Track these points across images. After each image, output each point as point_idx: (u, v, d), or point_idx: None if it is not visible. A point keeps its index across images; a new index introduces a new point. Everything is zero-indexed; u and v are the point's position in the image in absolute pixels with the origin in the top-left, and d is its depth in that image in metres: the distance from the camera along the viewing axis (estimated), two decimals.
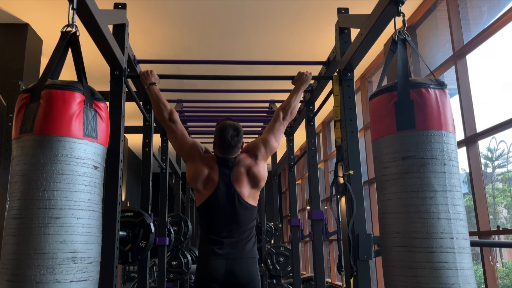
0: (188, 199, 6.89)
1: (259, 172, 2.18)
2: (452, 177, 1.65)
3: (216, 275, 2.00)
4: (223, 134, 2.14)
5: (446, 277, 1.55)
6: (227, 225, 2.09)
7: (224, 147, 2.15)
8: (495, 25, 3.37)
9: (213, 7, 4.40)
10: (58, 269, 1.50)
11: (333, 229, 7.01)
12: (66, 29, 1.74)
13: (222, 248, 2.04)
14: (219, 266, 2.01)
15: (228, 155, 2.17)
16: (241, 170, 2.15)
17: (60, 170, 1.57)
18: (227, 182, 2.12)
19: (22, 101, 1.66)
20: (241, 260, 2.04)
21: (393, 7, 1.80)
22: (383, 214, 1.77)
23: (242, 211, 2.10)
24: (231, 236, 2.08)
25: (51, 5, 4.24)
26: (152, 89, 2.29)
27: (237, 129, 2.17)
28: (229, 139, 2.13)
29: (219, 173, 2.13)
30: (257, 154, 2.22)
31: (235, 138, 2.15)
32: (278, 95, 4.77)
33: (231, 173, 2.14)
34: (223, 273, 2.01)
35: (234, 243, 2.07)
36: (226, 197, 2.10)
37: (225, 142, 2.14)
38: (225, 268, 2.01)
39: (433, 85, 1.72)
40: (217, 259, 2.02)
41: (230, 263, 2.02)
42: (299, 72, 2.49)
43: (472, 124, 3.64)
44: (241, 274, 2.01)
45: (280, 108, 2.36)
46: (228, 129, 2.15)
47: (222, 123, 2.19)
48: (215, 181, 2.12)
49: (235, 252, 2.05)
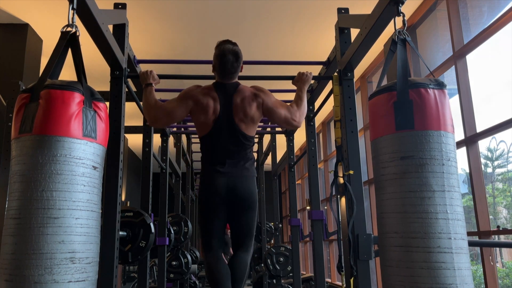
0: (188, 199, 6.88)
1: (250, 110, 2.24)
2: (450, 177, 1.65)
3: (219, 190, 2.18)
4: (222, 61, 2.23)
5: (444, 277, 1.55)
6: (229, 150, 2.23)
7: (223, 73, 2.25)
8: (495, 25, 3.37)
9: (213, 7, 4.40)
10: (57, 269, 1.50)
11: (333, 229, 7.01)
12: (66, 29, 1.74)
13: (224, 167, 2.21)
14: (222, 182, 2.19)
15: (228, 79, 2.27)
16: (238, 101, 2.23)
17: (59, 170, 1.58)
18: (228, 113, 2.22)
19: (22, 101, 1.66)
20: (241, 178, 2.22)
21: (393, 7, 1.80)
22: (381, 214, 1.77)
23: (241, 139, 2.24)
24: (232, 158, 2.23)
25: (51, 5, 4.24)
26: (146, 89, 2.31)
27: (236, 54, 2.25)
28: (228, 67, 2.24)
29: (220, 103, 2.22)
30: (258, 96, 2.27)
31: (234, 64, 2.25)
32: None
33: (231, 103, 2.23)
34: (225, 189, 2.19)
35: (234, 163, 2.23)
36: (227, 128, 2.22)
37: (225, 68, 2.24)
38: (227, 184, 2.19)
39: (432, 85, 1.72)
40: (220, 177, 2.20)
41: (232, 181, 2.20)
42: (299, 72, 2.49)
43: (472, 124, 3.64)
44: (242, 189, 2.20)
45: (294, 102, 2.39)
46: (227, 55, 2.23)
47: (221, 47, 2.26)
48: (217, 112, 2.22)
49: (236, 170, 2.22)
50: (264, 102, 2.27)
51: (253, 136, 2.30)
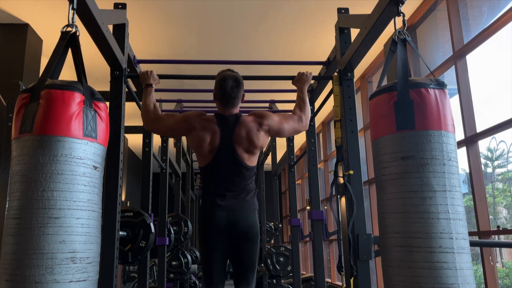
0: (188, 199, 6.88)
1: (258, 139, 2.19)
2: (451, 177, 1.65)
3: (219, 223, 2.10)
4: (223, 86, 2.17)
5: (445, 277, 1.55)
6: (229, 182, 2.17)
7: (224, 99, 2.18)
8: (495, 25, 3.37)
9: (213, 7, 4.40)
10: (57, 269, 1.50)
11: (333, 229, 7.01)
12: (66, 29, 1.74)
13: (224, 200, 2.14)
14: (222, 216, 2.11)
15: (228, 108, 2.20)
16: (242, 133, 2.17)
17: (59, 170, 1.57)
18: (229, 145, 2.16)
19: (22, 101, 1.66)
20: (241, 211, 2.14)
21: (393, 7, 1.80)
22: (382, 214, 1.77)
23: (243, 171, 2.18)
24: (232, 190, 2.16)
25: (51, 5, 4.24)
26: (146, 89, 2.31)
27: (237, 80, 2.19)
28: (229, 90, 2.16)
29: (220, 135, 2.16)
30: (263, 123, 2.22)
31: (235, 90, 2.17)
32: (278, 95, 4.78)
33: (232, 135, 2.17)
34: (225, 222, 2.11)
35: (235, 195, 2.16)
36: (228, 159, 2.16)
37: (225, 93, 2.16)
38: (227, 217, 2.11)
39: (433, 85, 1.72)
40: (219, 210, 2.12)
41: (232, 214, 2.12)
42: (299, 72, 2.49)
43: (472, 124, 3.64)
44: (241, 223, 2.12)
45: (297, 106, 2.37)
46: (227, 80, 2.17)
47: (222, 73, 2.22)
48: (217, 144, 2.16)
49: (236, 203, 2.15)
50: (270, 128, 2.22)
51: (254, 166, 2.23)
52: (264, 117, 2.23)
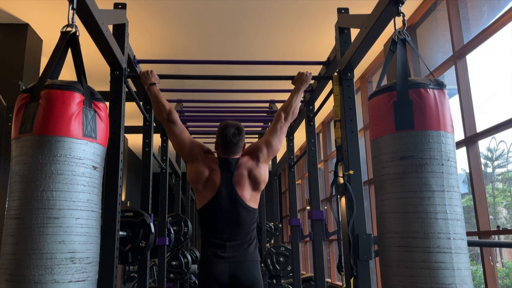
0: (188, 199, 6.89)
1: (260, 175, 2.17)
2: (450, 178, 1.65)
3: (220, 278, 2.01)
4: (224, 133, 2.15)
5: (443, 277, 1.55)
6: (229, 228, 2.09)
7: (226, 146, 2.16)
8: (495, 25, 3.37)
9: (213, 7, 4.40)
10: (57, 269, 1.50)
11: (333, 229, 7.01)
12: (66, 29, 1.74)
13: (225, 252, 2.06)
14: (223, 269, 2.02)
15: (230, 155, 2.17)
16: (243, 173, 2.14)
17: (59, 170, 1.58)
18: (229, 185, 2.11)
19: (22, 101, 1.66)
20: (244, 263, 2.05)
21: (393, 7, 1.80)
22: (381, 214, 1.77)
23: (244, 214, 2.11)
24: (233, 239, 2.09)
25: (51, 5, 4.24)
26: (152, 89, 2.29)
27: (238, 128, 2.18)
28: (230, 137, 2.14)
29: (220, 175, 2.12)
30: (259, 156, 2.21)
31: (236, 137, 2.15)
32: (278, 95, 4.77)
33: (232, 176, 2.13)
34: (227, 276, 2.02)
35: (236, 246, 2.08)
36: (228, 201, 2.10)
37: (227, 140, 2.15)
38: (229, 271, 2.03)
39: (432, 85, 1.72)
40: (220, 263, 2.03)
41: (234, 266, 2.03)
42: (299, 72, 2.49)
43: (472, 124, 3.64)
44: (244, 277, 2.03)
45: (281, 109, 2.35)
46: (229, 127, 2.16)
47: (224, 122, 2.23)
48: (217, 183, 2.11)
49: (238, 255, 2.06)
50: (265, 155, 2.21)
51: (256, 209, 2.16)
52: (256, 149, 2.22)
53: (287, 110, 2.34)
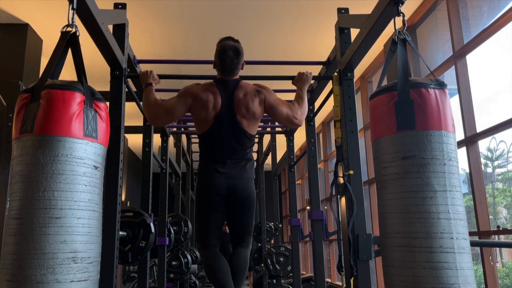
0: (188, 199, 6.88)
1: (252, 106, 2.24)
2: (452, 177, 1.65)
3: (219, 189, 2.18)
4: (222, 57, 2.23)
5: (446, 277, 1.55)
6: (229, 149, 2.22)
7: (224, 69, 2.25)
8: (495, 25, 3.37)
9: (213, 7, 4.40)
10: (59, 269, 1.50)
11: (333, 229, 7.01)
12: (66, 29, 1.74)
13: (224, 168, 2.20)
14: (222, 182, 2.19)
15: (229, 76, 2.27)
16: (240, 97, 2.22)
17: (60, 170, 1.57)
18: (229, 109, 2.20)
19: (22, 101, 1.66)
20: (241, 179, 2.22)
21: (393, 7, 1.80)
22: (383, 214, 1.77)
23: (242, 137, 2.23)
24: (232, 158, 2.22)
25: (51, 5, 4.24)
26: (146, 88, 2.31)
27: (237, 51, 2.25)
28: (229, 63, 2.23)
29: (221, 99, 2.21)
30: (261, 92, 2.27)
31: (234, 61, 2.24)
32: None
33: (232, 99, 2.21)
34: (225, 189, 2.19)
35: (235, 163, 2.22)
36: (228, 125, 2.20)
37: (225, 64, 2.23)
38: (227, 184, 2.19)
39: (433, 85, 1.72)
40: (220, 177, 2.19)
41: (232, 181, 2.20)
42: (299, 72, 2.49)
43: (472, 124, 3.64)
44: (241, 190, 2.21)
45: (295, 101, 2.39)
46: (228, 51, 2.23)
47: (222, 43, 2.27)
48: (218, 108, 2.20)
49: (236, 172, 2.22)
50: (266, 99, 2.28)
51: (254, 134, 2.29)
52: (264, 88, 2.30)
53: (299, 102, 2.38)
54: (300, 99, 2.40)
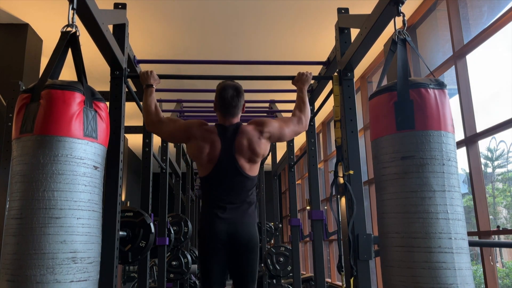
0: (188, 199, 6.88)
1: (260, 147, 2.19)
2: (451, 177, 1.65)
3: (219, 235, 2.10)
4: (222, 94, 2.17)
5: (445, 277, 1.55)
6: (229, 193, 2.16)
7: (224, 108, 2.19)
8: (495, 25, 3.37)
9: (213, 7, 4.40)
10: (58, 269, 1.50)
11: (333, 229, 7.01)
12: (66, 29, 1.74)
13: (225, 213, 2.13)
14: (222, 228, 2.11)
15: (229, 117, 2.20)
16: (243, 142, 2.16)
17: (60, 170, 1.58)
18: (229, 155, 2.15)
19: (22, 101, 1.66)
20: (242, 223, 2.13)
21: (393, 7, 1.80)
22: (382, 214, 1.77)
23: (244, 181, 2.17)
24: (233, 202, 2.15)
25: (51, 5, 4.24)
26: (147, 90, 2.31)
27: (237, 89, 2.20)
28: (229, 99, 2.17)
29: (221, 145, 2.16)
30: (264, 131, 2.21)
31: (235, 98, 2.18)
32: (278, 95, 4.78)
33: (233, 145, 2.16)
34: (225, 234, 2.10)
35: (236, 208, 2.15)
36: (228, 170, 2.15)
37: (225, 102, 2.17)
38: (227, 230, 2.11)
39: (432, 85, 1.72)
40: (220, 223, 2.11)
41: (233, 227, 2.11)
42: (299, 73, 2.49)
43: (472, 124, 3.64)
44: (242, 235, 2.11)
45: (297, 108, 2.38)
46: (228, 89, 2.18)
47: (222, 83, 2.23)
48: (217, 154, 2.15)
49: (237, 216, 2.14)
50: (271, 134, 2.22)
51: (256, 176, 2.22)
52: (264, 124, 2.22)
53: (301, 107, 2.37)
54: (302, 102, 2.39)
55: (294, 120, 2.32)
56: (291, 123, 2.31)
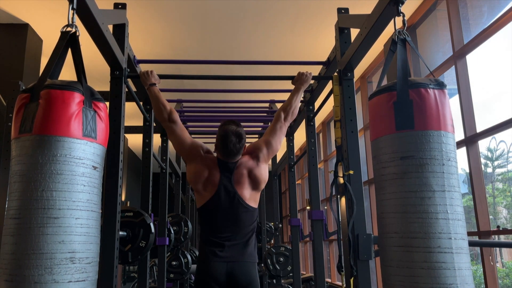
0: (188, 199, 6.88)
1: (260, 174, 2.17)
2: (450, 177, 1.65)
3: (218, 277, 2.02)
4: (225, 142, 2.11)
5: (444, 277, 1.55)
6: (228, 227, 2.10)
7: (226, 154, 2.14)
8: (495, 25, 3.37)
9: (213, 7, 4.40)
10: (57, 269, 1.50)
11: (333, 229, 7.01)
12: (66, 29, 1.74)
13: (223, 251, 2.06)
14: (220, 268, 2.03)
15: (230, 160, 2.16)
16: (242, 172, 2.14)
17: (59, 170, 1.57)
18: (228, 184, 2.12)
19: (22, 101, 1.66)
20: (242, 263, 2.06)
21: (393, 7, 1.80)
22: (381, 214, 1.77)
23: (243, 213, 2.11)
24: (232, 239, 2.09)
25: (51, 5, 4.24)
26: (152, 89, 2.30)
27: (239, 136, 2.13)
28: (231, 147, 2.11)
29: (220, 175, 2.13)
30: (259, 156, 2.21)
31: (237, 145, 2.13)
32: (278, 95, 4.77)
33: (232, 175, 2.13)
34: (224, 275, 2.03)
35: (235, 245, 2.08)
36: (227, 200, 2.10)
37: (227, 149, 2.12)
38: (226, 270, 2.03)
39: (432, 85, 1.72)
40: (218, 262, 2.04)
41: (231, 266, 2.04)
42: (299, 72, 2.49)
43: (472, 124, 3.64)
44: (241, 277, 2.04)
45: (281, 109, 2.36)
46: (230, 136, 2.11)
47: (224, 128, 2.15)
48: (216, 183, 2.11)
49: (236, 255, 2.07)
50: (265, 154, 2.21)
51: (256, 208, 2.17)
52: (256, 149, 2.22)
53: (286, 110, 2.34)
54: (293, 100, 2.36)
55: (277, 126, 2.29)
56: (274, 133, 2.27)
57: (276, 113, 2.34)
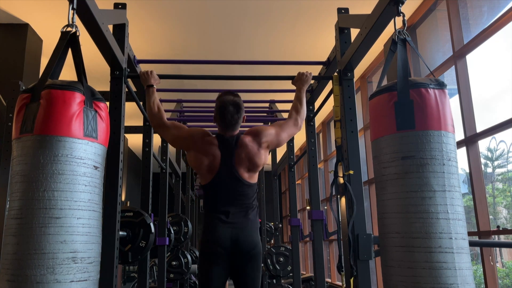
0: (188, 199, 6.88)
1: (260, 159, 2.20)
2: (451, 177, 1.65)
3: (223, 241, 2.08)
4: (223, 113, 2.16)
5: (445, 277, 1.55)
6: (231, 200, 2.16)
7: (224, 124, 2.19)
8: (495, 25, 3.37)
9: (213, 7, 4.40)
10: (59, 269, 1.50)
11: (333, 229, 7.01)
12: (66, 29, 1.74)
13: (228, 217, 2.13)
14: (226, 232, 2.10)
15: (229, 132, 2.20)
16: (242, 155, 2.17)
17: (60, 170, 1.58)
18: (229, 165, 2.16)
19: (22, 101, 1.66)
20: (245, 229, 2.13)
21: (393, 7, 1.80)
22: (382, 214, 1.78)
23: (244, 189, 2.18)
24: (235, 209, 2.16)
25: (51, 5, 4.24)
26: (149, 90, 2.31)
27: (237, 105, 2.18)
28: (229, 118, 2.16)
29: (220, 156, 2.17)
30: (262, 141, 2.22)
31: (235, 116, 2.17)
32: (278, 95, 4.78)
33: (232, 156, 2.17)
34: (229, 239, 2.09)
35: (239, 212, 2.15)
36: (229, 179, 2.16)
37: (225, 119, 2.16)
38: (231, 235, 2.09)
39: (432, 85, 1.72)
40: (224, 227, 2.11)
41: (236, 231, 2.10)
42: (299, 72, 2.49)
43: (472, 124, 3.64)
44: (245, 241, 2.10)
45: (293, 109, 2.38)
46: (228, 106, 2.16)
47: (222, 98, 2.19)
48: (217, 166, 2.16)
49: (240, 221, 2.14)
50: (270, 143, 2.23)
51: (255, 183, 2.24)
52: (261, 134, 2.22)
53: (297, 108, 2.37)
54: (299, 103, 2.39)
55: (290, 123, 2.32)
56: (287, 127, 2.31)
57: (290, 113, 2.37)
